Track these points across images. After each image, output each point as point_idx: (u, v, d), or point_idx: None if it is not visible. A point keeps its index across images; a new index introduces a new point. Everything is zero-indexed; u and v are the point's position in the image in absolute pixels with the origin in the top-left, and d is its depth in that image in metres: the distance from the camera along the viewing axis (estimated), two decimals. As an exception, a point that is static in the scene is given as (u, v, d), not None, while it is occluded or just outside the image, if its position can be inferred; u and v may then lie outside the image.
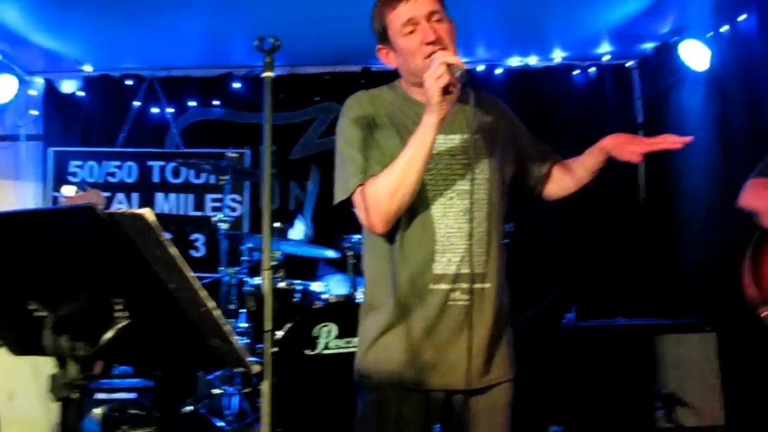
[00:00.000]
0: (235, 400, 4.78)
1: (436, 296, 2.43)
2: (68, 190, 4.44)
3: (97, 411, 4.77)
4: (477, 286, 2.44)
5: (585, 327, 4.99)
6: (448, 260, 2.44)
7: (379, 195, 2.38)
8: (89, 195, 4.46)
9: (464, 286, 2.42)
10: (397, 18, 2.49)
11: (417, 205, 2.44)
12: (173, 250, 1.52)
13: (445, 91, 2.26)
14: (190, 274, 1.55)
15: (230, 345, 1.67)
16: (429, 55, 2.37)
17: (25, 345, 1.87)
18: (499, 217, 2.56)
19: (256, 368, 1.72)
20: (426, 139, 2.30)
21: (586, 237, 6.08)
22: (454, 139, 2.50)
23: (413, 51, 2.45)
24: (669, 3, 5.24)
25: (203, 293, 1.58)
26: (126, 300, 1.65)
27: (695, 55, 5.29)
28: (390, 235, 2.49)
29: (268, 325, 1.82)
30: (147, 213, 1.47)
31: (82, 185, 4.58)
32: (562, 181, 2.94)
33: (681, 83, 5.70)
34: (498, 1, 5.29)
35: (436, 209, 2.46)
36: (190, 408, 4.70)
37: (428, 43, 2.41)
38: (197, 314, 1.62)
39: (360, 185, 2.43)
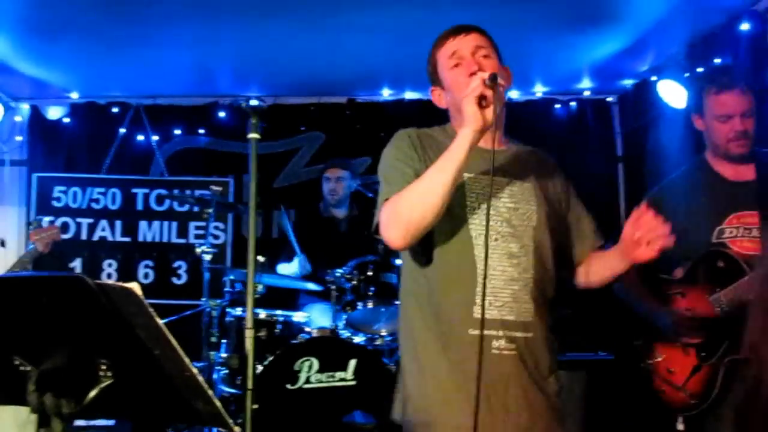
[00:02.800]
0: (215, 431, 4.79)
1: (475, 342, 2.20)
2: (33, 224, 4.59)
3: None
4: (521, 335, 2.34)
5: (565, 360, 5.03)
6: (489, 303, 2.30)
7: (401, 205, 2.28)
8: (49, 229, 4.58)
9: (508, 334, 2.32)
10: (444, 53, 2.54)
11: (460, 246, 2.36)
12: (159, 321, 1.57)
13: (480, 102, 2.18)
14: (175, 343, 1.60)
15: (213, 407, 1.71)
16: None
17: (7, 396, 1.90)
18: (549, 266, 2.46)
19: (237, 430, 1.76)
20: (459, 149, 2.21)
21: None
22: (501, 183, 2.42)
23: (458, 84, 2.39)
24: (648, 44, 5.36)
25: (187, 359, 1.62)
26: (110, 361, 1.68)
27: (673, 94, 5.39)
28: (428, 274, 2.42)
29: (249, 383, 1.85)
30: (135, 287, 1.52)
31: (38, 220, 4.71)
32: (596, 270, 2.69)
33: (659, 119, 5.80)
34: (482, 38, 5.37)
35: (479, 250, 2.34)
36: (170, 438, 4.73)
37: (471, 74, 2.30)
38: (181, 378, 1.66)
39: (387, 200, 2.36)
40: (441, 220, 2.29)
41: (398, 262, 5.07)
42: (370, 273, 4.80)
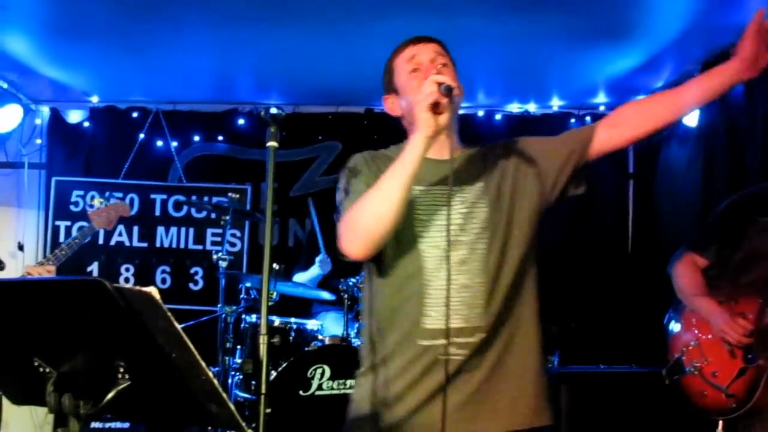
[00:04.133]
0: (228, 435, 4.84)
1: (426, 353, 2.29)
2: (96, 202, 4.54)
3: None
4: (472, 340, 2.29)
5: (568, 373, 5.04)
6: (438, 314, 2.28)
7: (357, 215, 2.25)
8: (115, 206, 4.55)
9: (458, 341, 2.28)
10: (402, 59, 2.51)
11: (409, 257, 2.35)
12: (176, 325, 1.61)
13: (434, 108, 2.15)
14: (192, 347, 1.64)
15: (227, 410, 1.74)
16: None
17: (25, 396, 1.94)
18: (506, 271, 2.36)
19: (249, 433, 1.80)
20: (411, 155, 2.18)
21: (575, 284, 6.17)
22: (454, 191, 2.36)
23: (414, 88, 2.33)
24: (663, 60, 5.38)
25: (203, 363, 1.66)
26: (127, 363, 1.72)
27: (686, 112, 5.41)
28: (379, 288, 2.42)
29: (263, 388, 1.89)
30: (153, 292, 1.56)
31: (108, 197, 4.66)
32: (638, 120, 2.53)
33: (672, 137, 5.83)
34: (500, 51, 5.42)
35: (429, 262, 2.32)
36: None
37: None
38: (197, 381, 1.70)
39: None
40: (391, 234, 2.28)
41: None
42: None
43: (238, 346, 4.99)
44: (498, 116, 6.54)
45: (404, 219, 2.28)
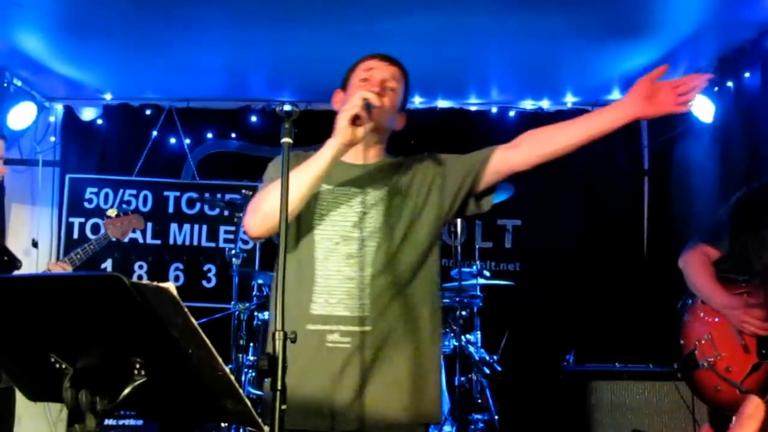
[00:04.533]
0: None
1: (313, 337, 2.43)
2: (111, 212, 4.55)
3: (105, 438, 4.84)
4: (356, 329, 2.45)
5: (584, 371, 5.02)
6: (324, 300, 2.47)
7: (262, 197, 2.46)
8: (130, 219, 4.57)
9: (342, 328, 2.44)
10: (362, 67, 2.69)
11: (304, 247, 2.53)
12: (193, 321, 1.60)
13: (354, 120, 2.32)
14: (209, 342, 1.63)
15: (243, 406, 1.73)
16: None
17: (41, 392, 1.94)
18: (398, 265, 2.52)
19: (266, 429, 1.79)
20: (322, 157, 2.38)
21: (590, 282, 6.16)
22: (356, 193, 2.58)
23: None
24: (678, 57, 5.34)
25: (219, 359, 1.66)
26: (144, 359, 1.72)
27: (702, 108, 5.38)
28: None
29: (278, 384, 1.89)
30: (170, 287, 1.56)
31: (123, 209, 4.68)
32: (534, 145, 2.76)
33: (687, 133, 5.80)
34: (513, 47, 5.41)
35: (319, 252, 2.51)
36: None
37: (373, 92, 2.46)
38: (213, 377, 1.69)
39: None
40: (293, 226, 2.51)
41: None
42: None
43: (251, 344, 5.00)
44: (511, 113, 6.53)
45: (307, 211, 2.51)
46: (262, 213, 2.43)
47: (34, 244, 6.37)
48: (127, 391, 1.71)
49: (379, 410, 2.45)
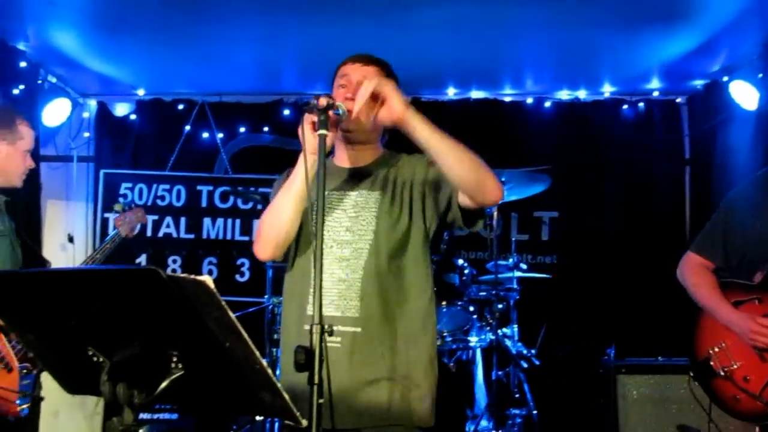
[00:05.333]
0: (277, 425, 4.83)
1: (308, 336, 2.39)
2: (117, 206, 4.54)
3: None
4: (347, 329, 2.51)
5: (625, 365, 4.94)
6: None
7: (261, 223, 2.62)
8: (134, 213, 4.55)
9: (333, 328, 2.36)
10: (340, 73, 2.75)
11: (304, 251, 2.61)
12: (230, 314, 1.58)
13: (313, 126, 2.37)
14: (246, 335, 1.61)
15: (281, 400, 1.71)
16: None
17: (79, 385, 1.94)
18: (389, 267, 2.56)
19: (304, 423, 1.76)
20: (297, 173, 2.52)
21: (632, 274, 6.06)
22: (351, 195, 2.66)
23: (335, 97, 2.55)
24: (720, 43, 5.24)
25: (257, 352, 1.63)
26: (181, 352, 1.70)
27: (745, 95, 5.27)
28: (286, 277, 2.71)
29: (315, 378, 1.86)
30: (207, 280, 1.53)
31: (128, 203, 4.67)
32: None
33: (729, 121, 5.68)
34: (548, 36, 5.33)
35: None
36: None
37: (346, 99, 2.55)
38: (250, 370, 1.67)
39: None
40: (291, 238, 2.62)
41: (460, 262, 5.06)
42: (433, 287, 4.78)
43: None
44: (547, 104, 6.44)
45: (305, 219, 2.60)
46: (263, 239, 2.60)
47: (71, 240, 6.41)
48: (164, 384, 1.71)
49: (369, 410, 2.49)
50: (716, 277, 3.39)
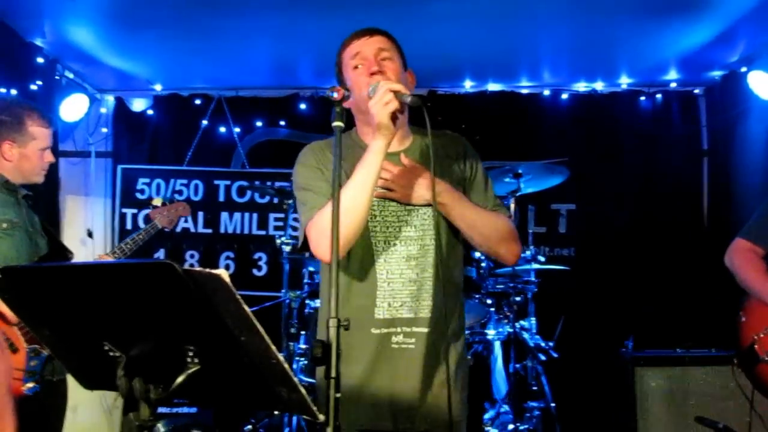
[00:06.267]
0: (295, 420, 4.84)
1: (377, 340, 2.46)
2: (156, 201, 4.56)
3: (160, 426, 4.87)
4: (420, 330, 2.47)
5: (643, 357, 4.92)
6: (388, 305, 2.47)
7: (325, 221, 2.25)
8: (176, 206, 4.58)
9: (406, 330, 2.47)
10: (348, 54, 2.59)
11: (361, 252, 2.48)
12: (246, 308, 1.58)
13: (394, 117, 2.29)
14: (262, 330, 1.61)
15: (298, 394, 1.71)
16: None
17: (96, 381, 1.94)
18: (448, 263, 2.54)
19: (321, 417, 1.76)
20: (373, 162, 2.34)
21: (650, 266, 6.03)
22: None
23: (359, 84, 2.49)
24: (739, 33, 5.19)
25: (273, 347, 1.63)
26: (197, 347, 1.70)
27: (763, 85, 5.23)
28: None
29: (333, 372, 1.85)
30: (223, 274, 1.53)
31: (169, 198, 4.69)
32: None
33: (748, 112, 5.64)
34: (565, 27, 5.30)
35: (379, 255, 2.48)
36: (249, 427, 4.79)
37: (372, 74, 2.46)
38: (267, 365, 1.67)
39: (311, 220, 2.46)
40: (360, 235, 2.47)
41: (477, 254, 5.05)
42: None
43: (302, 332, 4.98)
44: (564, 95, 6.40)
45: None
46: (345, 240, 2.31)
47: (90, 235, 6.44)
48: (180, 379, 1.71)
49: (441, 409, 2.45)
50: (766, 264, 3.46)
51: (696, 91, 6.34)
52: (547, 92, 6.42)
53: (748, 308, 3.48)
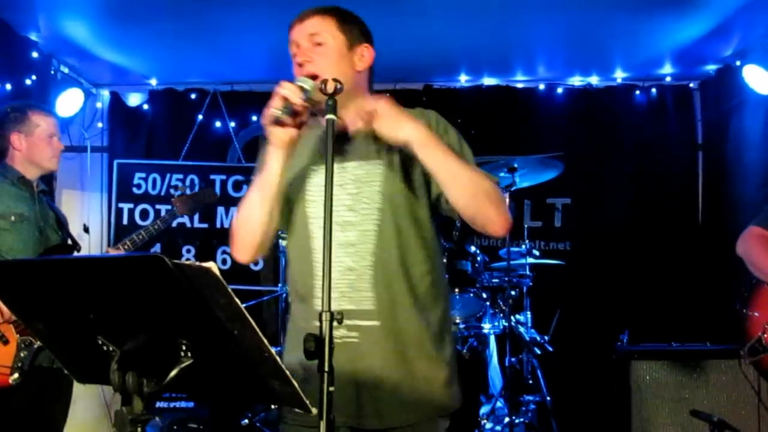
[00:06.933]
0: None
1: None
2: (181, 188, 4.59)
3: (157, 420, 4.89)
4: (364, 323, 2.29)
5: (638, 350, 4.93)
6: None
7: (235, 224, 2.40)
8: (202, 194, 4.60)
9: (348, 323, 2.23)
10: (289, 43, 2.47)
11: (301, 239, 2.38)
12: (237, 301, 1.58)
13: (277, 122, 2.22)
14: (253, 323, 1.61)
15: (291, 387, 1.71)
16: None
17: (89, 375, 1.94)
18: (405, 250, 2.32)
19: (314, 411, 1.76)
20: (267, 167, 2.30)
21: (644, 260, 6.05)
22: (347, 168, 2.35)
23: (297, 75, 2.37)
24: (732, 27, 5.20)
25: (265, 340, 1.63)
26: (190, 341, 1.70)
27: (759, 79, 5.23)
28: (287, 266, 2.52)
29: (326, 365, 1.85)
30: (212, 267, 1.53)
31: (192, 184, 4.71)
32: None
33: (743, 106, 5.65)
34: (560, 21, 5.30)
35: (316, 242, 2.33)
36: (246, 421, 4.80)
37: (299, 65, 2.38)
38: (259, 358, 1.67)
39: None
40: (287, 215, 2.41)
41: (472, 249, 5.06)
42: (444, 260, 4.78)
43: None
44: (559, 90, 6.42)
45: (299, 198, 2.40)
46: (240, 240, 2.39)
47: (86, 230, 6.41)
48: (173, 373, 1.71)
49: (394, 406, 2.30)
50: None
51: (691, 85, 6.37)
52: (542, 86, 6.44)
53: (757, 299, 3.47)
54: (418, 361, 2.33)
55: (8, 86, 5.26)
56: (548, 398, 5.05)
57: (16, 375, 3.46)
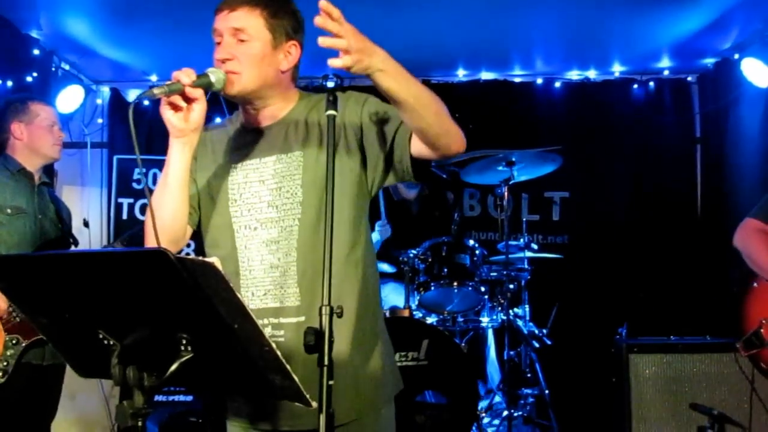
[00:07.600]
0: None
1: None
2: None
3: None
4: (289, 320, 2.23)
5: (637, 344, 4.94)
6: (252, 294, 2.26)
7: (147, 219, 2.19)
8: None
9: (273, 321, 2.22)
10: (212, 28, 2.37)
11: (225, 239, 2.33)
12: (238, 295, 1.60)
13: (175, 109, 2.21)
14: (254, 317, 1.64)
15: (291, 381, 1.73)
16: None
17: (90, 368, 1.95)
18: (330, 243, 2.03)
19: (314, 404, 1.78)
20: (167, 161, 2.24)
21: (643, 253, 6.07)
22: (267, 163, 2.31)
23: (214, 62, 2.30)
24: (731, 20, 5.21)
25: (265, 334, 1.65)
26: (190, 335, 1.71)
27: (757, 72, 5.24)
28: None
29: (325, 359, 1.86)
30: (215, 261, 1.55)
31: None
32: None
33: (741, 99, 5.66)
34: (558, 16, 5.31)
35: (240, 241, 2.29)
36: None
37: (221, 61, 2.29)
38: (259, 352, 1.69)
39: None
40: (207, 215, 2.35)
41: (471, 242, 5.07)
42: (443, 254, 4.80)
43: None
44: (557, 84, 6.43)
45: (221, 196, 2.33)
46: (148, 241, 2.22)
47: (86, 224, 6.43)
48: (174, 367, 1.72)
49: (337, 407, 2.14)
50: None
51: (689, 78, 6.37)
52: (540, 81, 6.45)
53: (755, 292, 3.48)
54: (347, 354, 2.25)
55: (9, 83, 5.29)
56: (546, 392, 5.07)
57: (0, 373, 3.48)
